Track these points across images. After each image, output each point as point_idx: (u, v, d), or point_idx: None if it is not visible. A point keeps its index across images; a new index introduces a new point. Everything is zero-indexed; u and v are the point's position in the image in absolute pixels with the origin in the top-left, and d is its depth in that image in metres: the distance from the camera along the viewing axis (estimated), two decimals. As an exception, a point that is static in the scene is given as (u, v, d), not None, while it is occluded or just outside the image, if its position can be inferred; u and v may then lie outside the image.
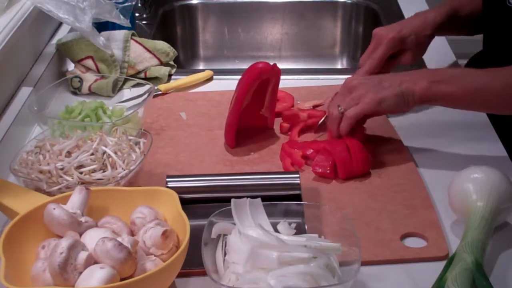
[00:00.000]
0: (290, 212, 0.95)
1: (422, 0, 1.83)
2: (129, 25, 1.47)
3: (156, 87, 1.38)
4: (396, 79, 1.14)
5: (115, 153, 1.03)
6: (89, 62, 1.43)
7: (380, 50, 1.27)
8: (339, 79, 1.39)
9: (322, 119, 1.26)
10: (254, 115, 1.23)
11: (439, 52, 1.55)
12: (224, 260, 0.88)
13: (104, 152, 1.03)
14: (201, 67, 1.94)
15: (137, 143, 1.08)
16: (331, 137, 1.20)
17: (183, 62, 1.91)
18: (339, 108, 1.16)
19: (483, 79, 1.12)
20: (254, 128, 1.25)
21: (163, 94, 1.40)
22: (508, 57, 1.21)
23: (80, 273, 0.80)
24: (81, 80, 1.39)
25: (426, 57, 1.52)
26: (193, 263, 0.89)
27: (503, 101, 1.12)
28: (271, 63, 1.19)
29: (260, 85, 1.19)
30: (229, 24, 1.92)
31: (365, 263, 0.88)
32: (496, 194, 0.96)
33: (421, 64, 1.50)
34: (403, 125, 1.27)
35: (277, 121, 1.28)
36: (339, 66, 1.94)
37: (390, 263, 0.95)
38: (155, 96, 1.36)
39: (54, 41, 1.50)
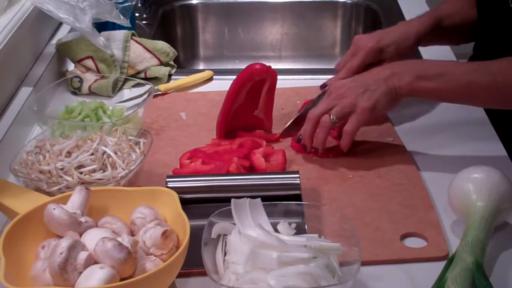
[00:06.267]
0: (290, 212, 0.95)
1: (422, 0, 1.82)
2: (129, 25, 1.47)
3: (156, 87, 1.38)
4: (381, 76, 1.12)
5: (115, 153, 1.03)
6: (89, 62, 1.43)
7: (357, 59, 1.24)
8: (339, 79, 1.40)
9: (291, 121, 1.24)
10: (251, 117, 1.23)
11: (439, 52, 1.54)
12: (224, 260, 0.88)
13: (104, 152, 1.03)
14: (201, 67, 1.94)
15: (137, 143, 1.08)
16: (297, 148, 1.18)
17: (183, 62, 1.91)
18: (332, 117, 1.12)
19: (469, 74, 1.09)
20: (252, 129, 1.24)
21: (163, 94, 1.40)
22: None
23: (80, 273, 0.80)
24: (81, 80, 1.39)
25: (426, 56, 1.52)
26: (193, 263, 0.89)
27: (490, 95, 1.10)
28: (271, 63, 1.19)
29: (256, 86, 1.19)
30: (229, 24, 1.92)
31: (365, 263, 0.88)
32: (496, 194, 0.96)
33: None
34: (403, 126, 1.27)
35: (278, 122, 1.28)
36: (339, 66, 1.95)
37: (390, 263, 0.95)
38: (155, 96, 1.36)
39: (54, 41, 1.50)
